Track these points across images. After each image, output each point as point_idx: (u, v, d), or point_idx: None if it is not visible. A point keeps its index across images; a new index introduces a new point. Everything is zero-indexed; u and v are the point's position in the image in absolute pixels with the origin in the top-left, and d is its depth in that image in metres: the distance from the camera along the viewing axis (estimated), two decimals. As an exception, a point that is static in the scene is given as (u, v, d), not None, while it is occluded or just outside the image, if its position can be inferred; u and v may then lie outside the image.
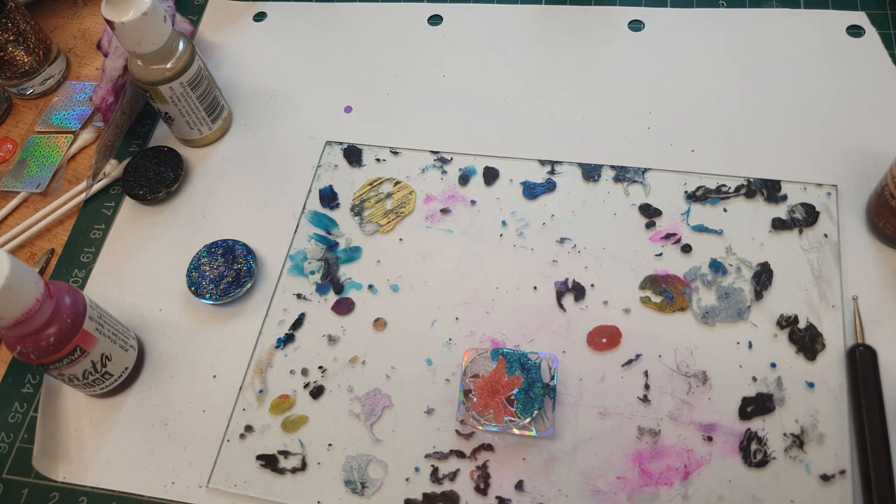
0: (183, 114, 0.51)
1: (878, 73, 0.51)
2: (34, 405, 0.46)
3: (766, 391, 0.40)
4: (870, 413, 0.38)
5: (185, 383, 0.45)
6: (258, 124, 0.55)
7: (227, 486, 0.41)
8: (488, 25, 0.58)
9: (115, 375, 0.44)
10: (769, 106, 0.50)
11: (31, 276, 0.37)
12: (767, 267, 0.44)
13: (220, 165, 0.54)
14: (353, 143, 0.53)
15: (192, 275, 0.47)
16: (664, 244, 0.46)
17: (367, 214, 0.50)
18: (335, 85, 0.56)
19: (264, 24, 0.61)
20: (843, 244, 0.44)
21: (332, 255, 0.48)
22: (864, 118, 0.49)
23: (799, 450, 0.39)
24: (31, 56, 0.58)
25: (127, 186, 0.52)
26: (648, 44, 0.55)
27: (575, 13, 0.57)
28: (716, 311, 0.43)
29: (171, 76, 0.49)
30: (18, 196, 0.55)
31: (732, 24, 0.55)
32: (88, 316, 0.41)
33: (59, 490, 0.43)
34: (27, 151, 0.57)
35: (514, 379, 0.40)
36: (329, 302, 0.47)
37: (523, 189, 0.49)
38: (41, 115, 0.59)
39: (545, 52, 0.56)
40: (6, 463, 0.44)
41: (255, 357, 0.45)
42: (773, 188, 0.47)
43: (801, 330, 0.42)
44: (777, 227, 0.45)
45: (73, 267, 0.51)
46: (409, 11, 0.60)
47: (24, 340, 0.38)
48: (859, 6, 0.54)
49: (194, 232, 0.51)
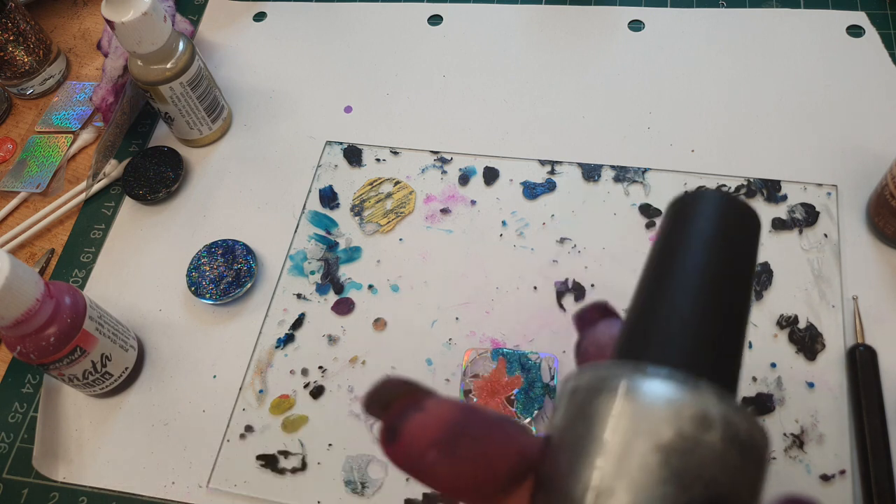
0: (183, 114, 0.51)
1: (878, 73, 0.51)
2: (34, 405, 0.46)
3: (766, 391, 0.40)
4: (870, 413, 0.38)
5: (185, 383, 0.45)
6: (258, 124, 0.55)
7: (227, 486, 0.41)
8: (488, 25, 0.58)
9: (115, 375, 0.44)
10: (769, 106, 0.50)
11: (31, 276, 0.37)
12: (767, 267, 0.44)
13: (220, 165, 0.54)
14: (353, 143, 0.53)
15: (192, 275, 0.47)
16: (664, 244, 0.46)
17: (367, 214, 0.50)
18: (335, 85, 0.56)
19: (264, 24, 0.61)
20: (843, 244, 0.44)
21: (332, 255, 0.48)
22: (864, 118, 0.49)
23: (799, 450, 0.39)
24: (32, 56, 0.58)
25: (127, 186, 0.52)
26: (648, 44, 0.55)
27: (575, 13, 0.57)
28: (716, 311, 0.43)
29: (171, 76, 0.49)
30: (18, 196, 0.55)
31: (732, 25, 0.55)
32: (88, 316, 0.41)
33: (59, 490, 0.43)
34: (27, 151, 0.57)
35: (514, 379, 0.40)
36: (329, 302, 0.47)
37: (523, 189, 0.49)
38: (41, 115, 0.59)
39: (545, 52, 0.56)
40: (6, 463, 0.44)
41: (255, 357, 0.45)
42: (773, 188, 0.47)
43: (801, 330, 0.42)
44: (777, 227, 0.45)
45: (73, 267, 0.51)
46: (409, 11, 0.60)
47: (24, 340, 0.38)
48: (859, 6, 0.54)
49: (194, 232, 0.51)
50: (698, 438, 0.16)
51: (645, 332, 0.18)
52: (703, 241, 0.20)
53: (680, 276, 0.19)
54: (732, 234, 0.20)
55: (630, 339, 0.19)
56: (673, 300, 0.19)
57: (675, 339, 0.18)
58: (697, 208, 0.21)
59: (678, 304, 0.18)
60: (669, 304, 0.19)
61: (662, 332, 0.18)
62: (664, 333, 0.18)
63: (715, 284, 0.19)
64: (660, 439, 0.16)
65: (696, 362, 0.17)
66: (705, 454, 0.16)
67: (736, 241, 0.20)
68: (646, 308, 0.19)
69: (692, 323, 0.18)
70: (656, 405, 0.16)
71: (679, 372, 0.17)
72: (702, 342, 0.18)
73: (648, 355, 0.18)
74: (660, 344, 0.18)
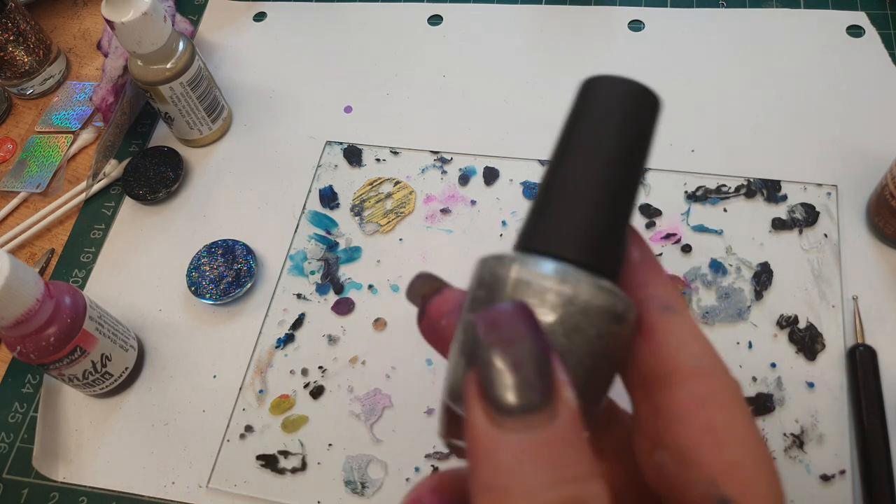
0: (183, 114, 0.51)
1: (878, 73, 0.51)
2: (34, 405, 0.46)
3: (766, 391, 0.40)
4: (870, 413, 0.38)
5: (185, 383, 0.45)
6: (258, 124, 0.55)
7: (227, 486, 0.41)
8: (489, 25, 0.58)
9: (115, 375, 0.44)
10: (769, 106, 0.50)
11: (31, 276, 0.37)
12: (767, 267, 0.44)
13: (220, 165, 0.54)
14: (353, 143, 0.53)
15: (192, 275, 0.47)
16: (664, 244, 0.46)
17: (367, 214, 0.50)
18: (335, 85, 0.56)
19: (264, 24, 0.61)
20: (843, 244, 0.44)
21: (332, 255, 0.48)
22: (864, 118, 0.49)
23: (799, 450, 0.39)
24: (32, 56, 0.58)
25: (127, 186, 0.52)
26: (648, 44, 0.55)
27: (575, 13, 0.57)
28: (716, 311, 0.43)
29: (171, 76, 0.49)
30: (18, 196, 0.55)
31: (732, 24, 0.55)
32: (88, 316, 0.41)
33: (59, 490, 0.43)
34: (27, 151, 0.57)
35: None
36: (329, 302, 0.47)
37: (523, 189, 0.49)
38: (41, 115, 0.59)
39: (545, 52, 0.56)
40: (6, 463, 0.44)
41: (255, 357, 0.45)
42: (773, 188, 0.47)
43: (801, 330, 0.42)
44: (777, 227, 0.45)
45: (73, 267, 0.51)
46: (409, 11, 0.60)
47: (24, 340, 0.38)
48: (859, 6, 0.54)
49: (194, 232, 0.51)
50: (570, 311, 0.19)
51: (535, 223, 0.21)
52: (591, 129, 0.21)
53: (567, 164, 0.21)
54: (624, 121, 0.21)
55: (523, 231, 0.21)
56: (561, 191, 0.21)
57: (561, 229, 0.20)
58: (591, 95, 0.22)
59: (565, 195, 0.21)
60: (557, 194, 0.21)
61: (550, 222, 0.21)
62: (551, 224, 0.21)
63: (598, 169, 0.20)
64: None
65: (571, 248, 0.20)
66: (574, 322, 0.19)
67: (627, 127, 0.21)
68: (539, 199, 0.21)
69: (578, 213, 0.20)
70: (538, 279, 0.19)
71: (558, 258, 0.20)
72: (584, 232, 0.20)
73: (536, 245, 0.21)
74: (545, 234, 0.21)
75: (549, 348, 0.18)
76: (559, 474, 0.17)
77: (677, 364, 0.21)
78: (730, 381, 0.21)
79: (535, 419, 0.17)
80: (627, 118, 0.21)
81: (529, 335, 0.18)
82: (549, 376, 0.18)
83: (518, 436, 0.17)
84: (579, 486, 0.17)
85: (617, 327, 0.19)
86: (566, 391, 0.18)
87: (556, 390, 0.18)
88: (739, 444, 0.20)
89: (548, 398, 0.17)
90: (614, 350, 0.20)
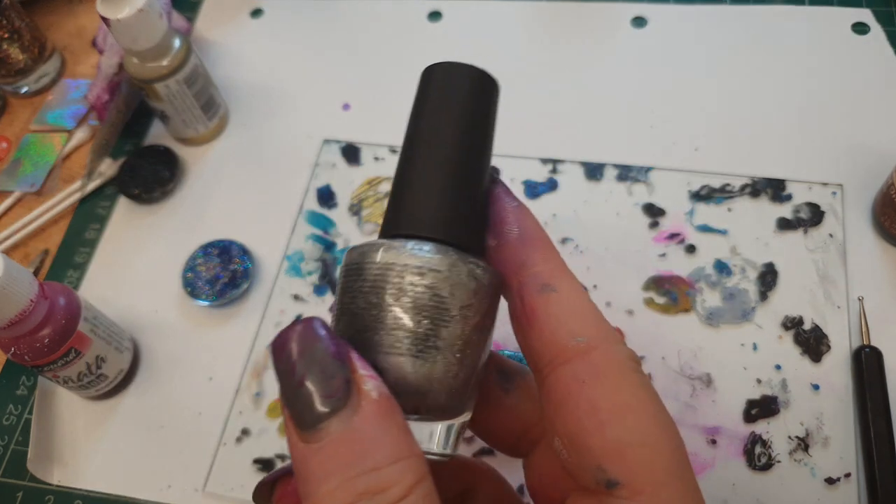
0: (179, 112, 0.51)
1: (883, 70, 0.50)
2: (28, 407, 0.45)
3: (771, 393, 0.40)
4: (875, 415, 0.38)
5: (181, 386, 0.44)
6: (255, 122, 0.55)
7: (223, 490, 0.41)
8: (489, 22, 0.57)
9: (110, 377, 0.43)
10: (773, 104, 0.50)
11: (25, 276, 0.37)
12: (772, 267, 0.43)
13: (216, 164, 0.53)
14: (351, 141, 0.52)
15: (188, 275, 0.47)
16: (668, 244, 0.45)
17: (365, 214, 0.49)
18: (333, 82, 0.56)
19: (261, 20, 0.61)
20: (849, 244, 0.44)
21: (329, 256, 0.48)
22: (869, 116, 0.48)
23: (804, 453, 0.38)
24: (26, 54, 0.58)
25: (122, 186, 0.52)
26: (651, 41, 0.54)
27: (577, 10, 0.57)
28: (720, 312, 0.42)
29: (167, 73, 0.48)
30: (13, 196, 0.54)
31: (736, 21, 0.54)
32: (83, 317, 0.40)
33: (54, 493, 0.42)
34: (21, 150, 0.57)
35: (514, 381, 0.40)
36: (327, 303, 0.46)
37: (525, 188, 0.49)
38: (36, 114, 0.59)
39: (546, 49, 0.55)
40: (0, 466, 0.44)
41: (251, 359, 0.45)
42: (778, 187, 0.46)
43: (806, 331, 0.41)
44: (782, 227, 0.45)
45: (67, 267, 0.50)
46: (408, 7, 0.59)
47: (18, 342, 0.38)
48: (864, 3, 0.53)
49: (190, 232, 0.50)
50: (428, 283, 0.20)
51: (393, 210, 0.22)
52: (432, 115, 0.23)
53: (412, 151, 0.22)
54: (460, 104, 0.23)
55: (385, 220, 0.23)
56: (409, 178, 0.22)
57: (415, 213, 0.22)
58: (430, 82, 0.24)
59: (414, 181, 0.22)
60: (408, 182, 0.22)
61: (406, 207, 0.22)
62: (407, 208, 0.22)
63: (440, 151, 0.22)
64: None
65: (423, 227, 0.21)
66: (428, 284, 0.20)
67: (463, 110, 0.23)
68: (394, 189, 0.23)
69: (427, 196, 0.22)
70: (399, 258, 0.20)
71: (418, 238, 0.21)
72: (433, 212, 0.21)
73: (397, 230, 0.22)
74: (405, 219, 0.22)
75: (341, 348, 0.18)
76: (357, 468, 0.17)
77: (560, 345, 0.20)
78: (614, 354, 0.20)
79: (335, 422, 0.17)
80: (463, 101, 0.23)
81: (309, 348, 0.18)
82: (342, 377, 0.18)
83: (321, 444, 0.17)
84: (377, 475, 0.17)
85: (472, 296, 0.20)
86: (367, 383, 0.18)
87: (355, 385, 0.18)
88: (622, 422, 0.19)
89: (345, 398, 0.18)
90: (477, 319, 0.20)
